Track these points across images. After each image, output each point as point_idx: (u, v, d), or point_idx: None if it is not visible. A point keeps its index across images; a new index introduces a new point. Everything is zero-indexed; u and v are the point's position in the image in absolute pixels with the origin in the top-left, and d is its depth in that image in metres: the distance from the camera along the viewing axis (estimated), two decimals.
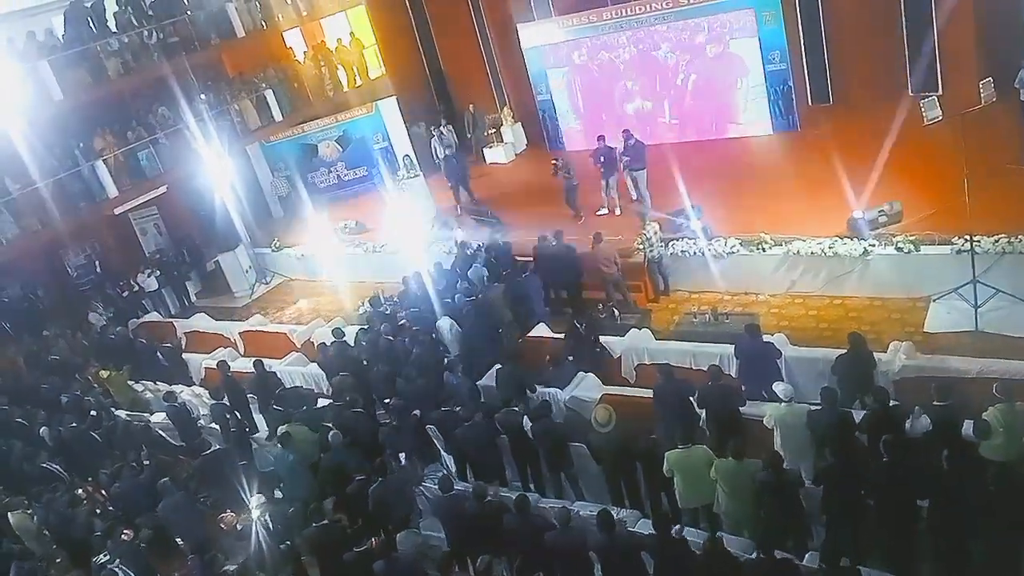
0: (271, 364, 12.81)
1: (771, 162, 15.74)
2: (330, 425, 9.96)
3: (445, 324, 11.84)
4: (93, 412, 12.16)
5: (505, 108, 20.03)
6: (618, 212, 14.87)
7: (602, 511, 7.39)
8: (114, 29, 17.80)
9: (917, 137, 11.62)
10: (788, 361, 9.65)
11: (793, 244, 11.99)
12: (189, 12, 19.00)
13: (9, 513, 10.42)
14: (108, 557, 8.92)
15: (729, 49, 16.44)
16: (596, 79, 18.30)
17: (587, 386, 10.25)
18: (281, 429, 10.12)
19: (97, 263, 18.47)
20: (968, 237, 10.17)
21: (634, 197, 14.84)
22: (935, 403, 7.53)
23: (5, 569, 9.41)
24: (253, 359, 12.39)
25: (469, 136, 20.13)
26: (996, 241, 10.48)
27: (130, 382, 13.75)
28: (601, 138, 15.14)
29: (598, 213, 14.98)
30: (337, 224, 17.81)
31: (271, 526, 8.67)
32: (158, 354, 14.41)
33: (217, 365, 12.43)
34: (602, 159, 14.84)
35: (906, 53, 14.83)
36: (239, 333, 15.07)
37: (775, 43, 15.92)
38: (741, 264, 12.41)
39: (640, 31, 17.21)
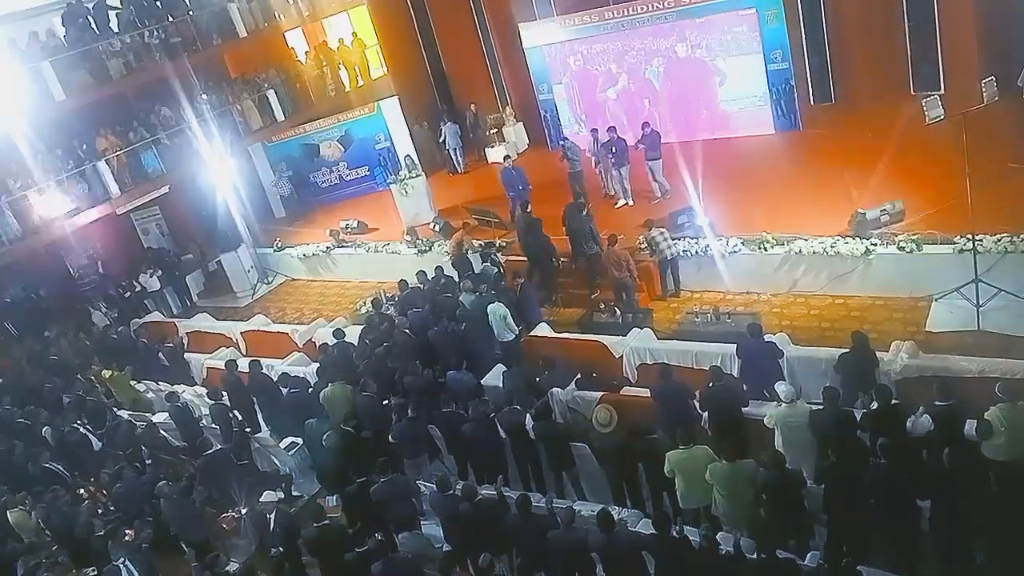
0: (272, 364, 12.82)
1: (773, 161, 15.71)
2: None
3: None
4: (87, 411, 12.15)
5: (507, 107, 20.02)
6: (631, 203, 15.06)
7: (602, 511, 7.39)
8: (116, 29, 17.81)
9: (919, 136, 11.60)
10: (790, 361, 9.65)
11: (795, 243, 11.98)
12: (191, 12, 19.00)
13: (8, 511, 10.44)
14: (112, 555, 8.94)
15: (730, 49, 16.41)
16: (597, 80, 18.27)
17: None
18: (325, 392, 10.50)
19: (99, 263, 18.49)
20: (970, 236, 10.17)
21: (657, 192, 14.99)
22: (937, 403, 7.52)
23: (7, 567, 9.44)
24: (250, 360, 12.40)
25: (471, 135, 20.16)
26: (998, 240, 10.47)
27: (132, 382, 13.76)
28: (612, 129, 15.28)
29: (617, 206, 15.14)
30: (339, 224, 17.81)
31: (271, 527, 8.68)
32: (160, 354, 14.43)
33: (225, 365, 12.43)
34: (613, 150, 14.97)
35: (908, 52, 14.82)
36: (241, 333, 15.07)
37: (777, 42, 15.90)
38: (743, 263, 12.40)
39: (642, 30, 17.18)
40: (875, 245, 11.34)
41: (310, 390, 11.11)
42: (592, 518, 7.42)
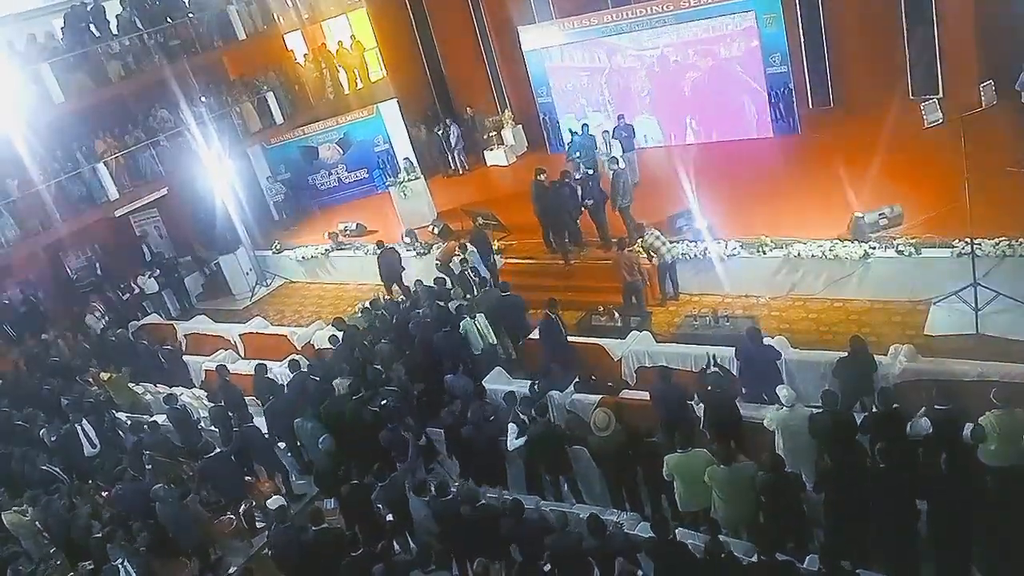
0: (271, 366, 12.80)
1: (772, 165, 15.73)
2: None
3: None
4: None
5: (506, 111, 20.03)
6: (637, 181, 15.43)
7: (591, 516, 7.42)
8: (115, 32, 17.82)
9: (917, 140, 11.63)
10: (789, 364, 9.65)
11: (794, 247, 11.99)
12: (190, 15, 19.02)
13: (3, 513, 10.44)
14: (111, 556, 8.94)
15: (729, 52, 16.44)
16: (595, 84, 18.31)
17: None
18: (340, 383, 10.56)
19: (97, 265, 18.48)
20: (969, 240, 10.17)
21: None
22: (936, 406, 7.52)
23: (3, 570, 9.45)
24: (255, 363, 12.38)
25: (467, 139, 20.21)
26: (997, 244, 10.47)
27: (130, 384, 13.74)
28: (621, 116, 15.96)
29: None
30: (338, 226, 17.83)
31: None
32: (159, 356, 14.42)
33: (216, 369, 12.42)
34: (578, 153, 15.39)
35: (907, 56, 14.86)
36: (239, 335, 15.07)
37: (776, 46, 15.90)
38: (742, 267, 12.40)
39: (640, 34, 17.20)
40: (874, 248, 11.34)
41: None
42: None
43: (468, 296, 12.53)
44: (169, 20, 18.46)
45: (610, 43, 17.66)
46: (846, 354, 8.87)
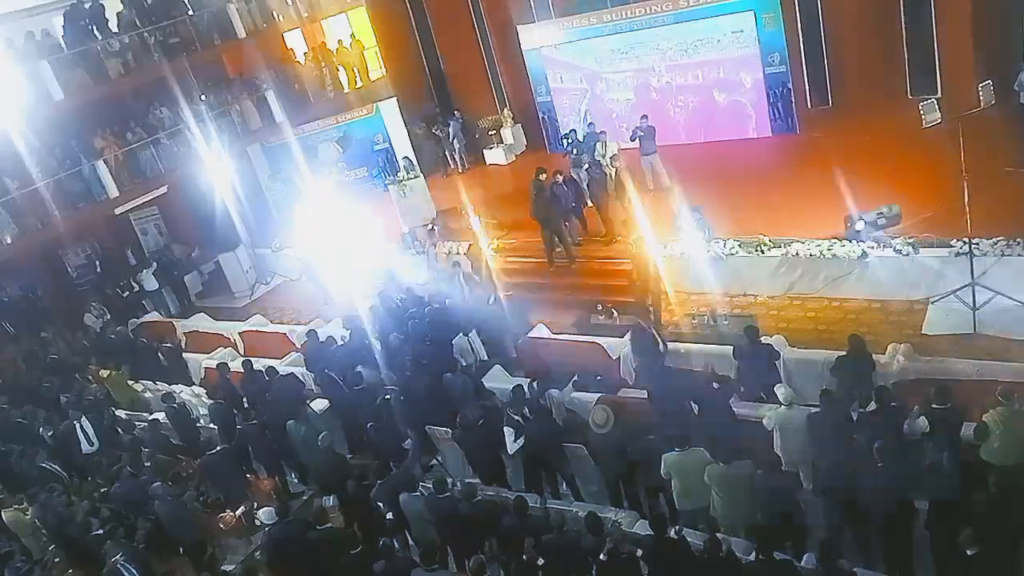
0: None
1: (770, 164, 15.74)
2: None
3: None
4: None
5: (505, 109, 20.03)
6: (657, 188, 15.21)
7: (589, 514, 7.43)
8: (115, 29, 17.83)
9: (916, 140, 11.64)
10: (787, 363, 9.66)
11: (792, 246, 12.00)
12: (190, 12, 19.02)
13: (3, 510, 10.45)
14: (111, 555, 8.95)
15: (728, 51, 16.44)
16: (593, 82, 18.32)
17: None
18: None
19: (97, 263, 18.50)
20: (967, 239, 10.19)
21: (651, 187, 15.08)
22: (934, 405, 7.53)
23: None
24: (242, 359, 12.42)
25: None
26: (995, 243, 10.49)
27: (130, 382, 13.76)
28: (573, 131, 16.11)
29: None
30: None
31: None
32: (158, 354, 14.44)
33: (217, 367, 12.44)
34: (573, 151, 15.48)
35: (905, 56, 14.86)
36: (239, 333, 15.08)
37: (774, 45, 15.91)
38: (740, 266, 12.42)
39: (639, 33, 17.21)
40: (872, 248, 11.35)
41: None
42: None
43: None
44: (169, 18, 18.46)
45: (610, 40, 17.65)
46: (844, 353, 8.88)
